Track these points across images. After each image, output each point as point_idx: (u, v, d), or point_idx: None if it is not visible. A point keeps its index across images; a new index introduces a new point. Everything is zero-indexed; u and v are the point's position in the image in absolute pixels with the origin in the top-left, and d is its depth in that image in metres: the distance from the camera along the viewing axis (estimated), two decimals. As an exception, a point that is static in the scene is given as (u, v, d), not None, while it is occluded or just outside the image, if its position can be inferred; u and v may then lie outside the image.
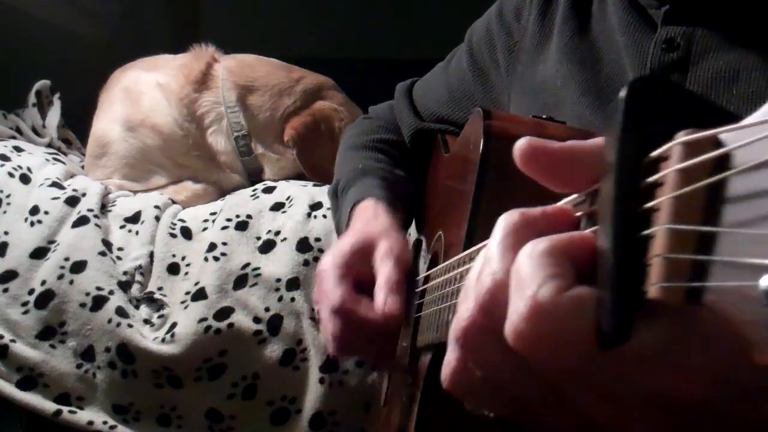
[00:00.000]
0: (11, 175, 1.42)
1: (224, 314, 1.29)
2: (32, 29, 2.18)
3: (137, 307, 1.32)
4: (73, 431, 1.27)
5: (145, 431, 1.28)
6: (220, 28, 2.57)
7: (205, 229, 1.41)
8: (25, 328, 1.29)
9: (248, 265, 1.34)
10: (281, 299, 1.31)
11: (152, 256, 1.37)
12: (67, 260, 1.32)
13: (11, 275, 1.31)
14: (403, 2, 2.77)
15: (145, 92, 1.60)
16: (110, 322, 1.28)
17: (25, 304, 1.30)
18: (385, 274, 0.82)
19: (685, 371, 0.33)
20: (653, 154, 0.33)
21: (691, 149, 0.31)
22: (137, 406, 1.29)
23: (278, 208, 1.41)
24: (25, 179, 1.43)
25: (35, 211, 1.37)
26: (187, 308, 1.31)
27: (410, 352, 0.81)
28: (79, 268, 1.31)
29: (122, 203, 1.47)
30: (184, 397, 1.29)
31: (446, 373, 0.43)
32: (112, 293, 1.30)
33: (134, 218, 1.42)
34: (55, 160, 1.55)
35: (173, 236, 1.40)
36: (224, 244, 1.36)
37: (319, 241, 1.34)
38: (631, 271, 0.32)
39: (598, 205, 0.37)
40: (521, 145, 0.39)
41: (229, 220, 1.40)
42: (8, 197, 1.39)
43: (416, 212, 1.02)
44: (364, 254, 0.86)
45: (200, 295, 1.31)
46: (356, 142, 1.11)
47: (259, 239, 1.37)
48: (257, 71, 1.63)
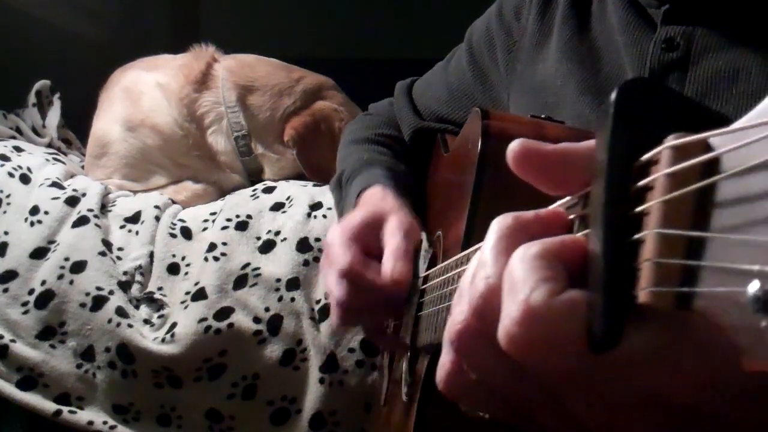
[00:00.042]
0: (11, 175, 1.42)
1: (224, 314, 1.29)
2: (32, 29, 2.18)
3: (137, 307, 1.32)
4: (73, 431, 1.27)
5: (145, 431, 1.28)
6: (220, 28, 2.57)
7: (205, 229, 1.41)
8: (25, 328, 1.29)
9: (248, 265, 1.33)
10: (281, 299, 1.31)
11: (152, 256, 1.37)
12: (67, 260, 1.32)
13: (11, 275, 1.31)
14: (403, 2, 2.77)
15: (145, 92, 1.60)
16: (110, 322, 1.28)
17: (25, 304, 1.30)
18: (394, 244, 0.82)
19: (675, 375, 0.33)
20: (644, 157, 0.33)
21: (680, 153, 0.31)
22: (137, 406, 1.28)
23: (278, 208, 1.41)
24: (25, 179, 1.43)
25: (35, 211, 1.37)
26: (187, 308, 1.31)
27: (410, 352, 0.81)
28: (79, 268, 1.31)
29: (122, 203, 1.47)
30: (184, 397, 1.29)
31: (441, 375, 0.43)
32: (112, 293, 1.30)
33: (134, 218, 1.42)
34: (55, 160, 1.55)
35: (173, 236, 1.40)
36: (224, 244, 1.36)
37: (319, 241, 1.34)
38: (621, 275, 0.32)
39: (589, 208, 0.37)
40: (514, 147, 0.39)
41: (229, 220, 1.40)
42: (8, 197, 1.39)
43: (417, 210, 1.02)
44: (374, 227, 0.86)
45: (200, 295, 1.31)
46: (359, 136, 1.11)
47: (259, 239, 1.37)
48: (257, 71, 1.63)
